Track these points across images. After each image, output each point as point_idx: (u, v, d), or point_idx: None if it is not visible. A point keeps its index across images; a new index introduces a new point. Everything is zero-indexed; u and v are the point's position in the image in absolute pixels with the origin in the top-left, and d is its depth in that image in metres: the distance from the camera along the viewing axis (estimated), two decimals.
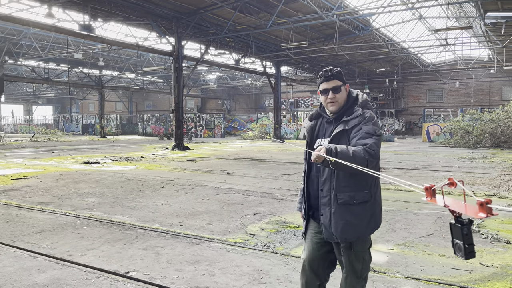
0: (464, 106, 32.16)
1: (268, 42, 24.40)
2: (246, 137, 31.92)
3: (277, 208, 6.77)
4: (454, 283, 3.60)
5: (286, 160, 14.97)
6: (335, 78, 2.53)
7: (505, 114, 20.67)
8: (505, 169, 11.66)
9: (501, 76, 32.69)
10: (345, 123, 2.47)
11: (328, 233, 2.46)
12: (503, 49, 23.68)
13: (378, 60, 30.56)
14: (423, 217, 6.04)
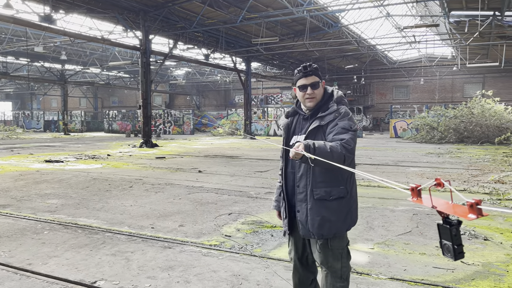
0: (429, 103, 33.06)
1: (238, 38, 24.11)
2: (216, 134, 31.56)
3: (252, 207, 6.57)
4: (438, 283, 3.52)
5: (258, 157, 14.80)
6: (313, 74, 2.53)
7: (468, 110, 21.33)
8: (471, 164, 11.95)
9: (462, 74, 33.80)
10: (321, 119, 2.48)
11: (304, 229, 2.44)
12: (466, 47, 24.41)
13: (347, 57, 30.89)
14: (399, 214, 6.00)
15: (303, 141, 2.24)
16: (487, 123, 20.27)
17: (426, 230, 5.15)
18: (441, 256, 4.20)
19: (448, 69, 33.60)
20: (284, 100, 41.85)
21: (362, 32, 26.43)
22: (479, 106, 21.11)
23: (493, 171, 10.34)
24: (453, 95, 35.23)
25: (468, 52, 26.51)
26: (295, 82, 2.60)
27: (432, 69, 34.55)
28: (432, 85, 35.94)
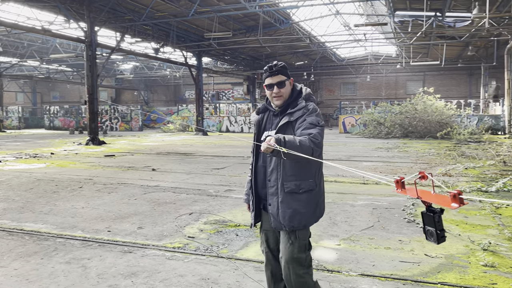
0: (376, 99, 34.34)
1: (189, 32, 23.59)
2: (167, 130, 30.79)
3: (213, 206, 6.39)
4: (407, 278, 3.56)
5: (213, 153, 14.57)
6: (279, 73, 2.61)
7: (412, 106, 22.36)
8: (418, 158, 12.50)
9: (405, 72, 35.42)
10: (290, 115, 2.56)
11: (276, 222, 2.52)
12: (410, 46, 25.57)
13: (297, 53, 31.29)
14: (359, 209, 6.10)
15: (274, 135, 2.31)
16: (429, 118, 21.37)
17: (387, 224, 5.26)
18: (405, 250, 4.29)
19: (392, 66, 35.06)
20: (235, 96, 41.69)
21: (312, 29, 26.86)
22: (421, 103, 22.20)
23: (439, 164, 10.87)
24: (397, 92, 36.85)
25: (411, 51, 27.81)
26: (263, 81, 2.67)
27: (378, 66, 35.90)
28: (377, 82, 37.36)
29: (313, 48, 28.27)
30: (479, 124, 23.46)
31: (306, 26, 25.78)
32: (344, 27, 26.58)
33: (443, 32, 22.42)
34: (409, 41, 22.80)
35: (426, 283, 3.45)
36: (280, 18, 21.63)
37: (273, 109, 2.69)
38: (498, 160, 11.36)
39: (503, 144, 15.73)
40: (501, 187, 7.42)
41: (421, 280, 3.51)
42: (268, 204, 2.55)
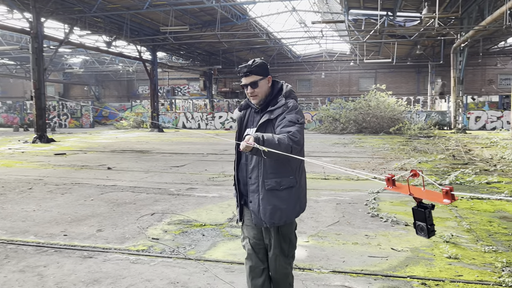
0: (330, 95, 35.07)
1: (143, 26, 22.85)
2: (120, 127, 29.76)
3: (175, 205, 6.19)
4: (377, 273, 3.60)
5: (171, 151, 14.21)
6: (252, 73, 2.61)
7: (365, 103, 23.04)
8: (374, 152, 12.87)
9: (358, 69, 36.46)
10: (270, 113, 2.58)
11: (257, 218, 2.56)
12: (364, 44, 26.29)
13: (254, 49, 31.27)
14: (324, 204, 6.14)
15: (253, 134, 2.35)
16: (382, 114, 22.12)
17: (352, 219, 5.32)
18: (372, 244, 4.35)
19: (346, 64, 35.94)
20: (191, 91, 41.05)
21: (269, 25, 26.93)
22: (374, 99, 22.92)
23: (394, 159, 11.24)
24: (350, 89, 37.85)
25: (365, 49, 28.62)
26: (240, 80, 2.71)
27: (332, 64, 36.66)
28: (332, 79, 38.17)
29: (270, 45, 28.38)
30: (427, 119, 24.61)
31: (263, 23, 25.80)
32: (300, 24, 26.88)
33: (394, 31, 23.25)
34: (363, 39, 23.43)
35: (396, 277, 3.50)
36: (237, 13, 21.47)
37: (254, 106, 2.71)
38: (448, 154, 11.93)
39: (451, 139, 16.56)
40: (453, 180, 7.76)
41: (391, 274, 3.56)
42: (249, 201, 2.59)
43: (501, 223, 5.08)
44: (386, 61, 28.72)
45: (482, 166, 9.66)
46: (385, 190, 7.08)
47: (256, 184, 2.55)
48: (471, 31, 18.50)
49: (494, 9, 16.53)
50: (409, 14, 21.70)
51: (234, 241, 4.50)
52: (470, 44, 21.57)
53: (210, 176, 8.74)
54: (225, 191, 7.21)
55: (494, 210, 5.69)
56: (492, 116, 24.71)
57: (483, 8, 17.55)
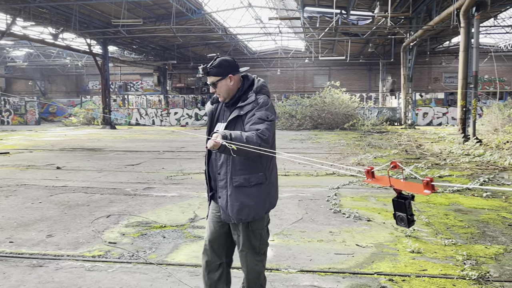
0: (286, 92, 35.36)
1: (93, 18, 21.81)
2: (69, 124, 28.36)
3: (132, 206, 5.90)
4: (345, 270, 3.58)
5: (125, 148, 13.67)
6: (210, 74, 2.58)
7: (320, 99, 23.41)
8: (331, 148, 13.07)
9: (313, 66, 37.02)
10: (240, 109, 2.54)
11: (225, 214, 2.55)
12: (319, 41, 26.68)
13: (209, 45, 30.84)
14: (286, 201, 6.09)
15: (221, 131, 2.32)
16: (336, 111, 22.57)
17: (315, 216, 5.30)
18: (337, 241, 4.34)
19: (301, 61, 36.37)
20: (145, 87, 39.91)
21: (224, 21, 26.66)
22: (329, 96, 23.34)
23: (351, 154, 11.45)
24: (305, 85, 38.38)
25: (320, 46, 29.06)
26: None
27: (288, 60, 36.97)
28: (287, 75, 38.51)
29: (226, 40, 28.12)
30: (379, 116, 25.42)
31: (219, 18, 25.50)
32: (256, 20, 26.82)
33: (348, 29, 23.79)
34: (318, 36, 23.75)
35: (364, 275, 3.49)
36: (192, 7, 21.03)
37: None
38: (401, 149, 12.34)
39: (402, 135, 17.18)
40: (408, 175, 7.99)
41: (358, 271, 3.55)
42: (218, 197, 2.59)
43: (456, 215, 5.26)
44: (340, 59, 29.36)
45: (433, 161, 10.06)
46: (345, 186, 7.16)
47: (224, 180, 2.54)
48: (420, 31, 19.26)
49: (441, 9, 17.30)
50: (361, 13, 22.29)
51: (197, 242, 4.33)
52: (418, 43, 22.48)
53: (168, 175, 8.47)
54: (184, 190, 6.99)
55: (448, 203, 5.90)
56: (438, 112, 25.97)
57: (431, 9, 18.31)
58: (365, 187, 7.06)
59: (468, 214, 5.31)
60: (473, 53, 13.33)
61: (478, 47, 13.30)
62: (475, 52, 13.27)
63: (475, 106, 13.36)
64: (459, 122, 13.92)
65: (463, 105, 13.63)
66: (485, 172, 8.40)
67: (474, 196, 6.32)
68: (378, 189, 6.89)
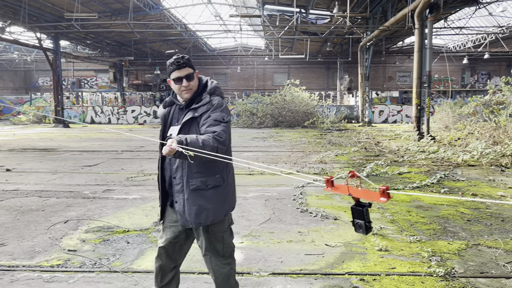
0: (247, 90, 35.31)
1: (43, 11, 20.70)
2: (18, 122, 26.84)
3: (92, 210, 5.62)
4: (316, 271, 3.56)
5: (80, 148, 13.08)
6: (187, 65, 2.53)
7: (281, 97, 23.56)
8: (293, 146, 13.16)
9: (272, 64, 37.21)
10: (194, 111, 2.51)
11: (183, 219, 2.50)
12: (279, 40, 26.82)
13: (168, 41, 30.22)
14: (253, 201, 6.03)
15: (176, 136, 2.27)
16: (297, 109, 22.82)
17: (283, 216, 5.28)
18: (307, 241, 4.33)
19: (261, 58, 36.46)
20: (100, 84, 38.51)
21: (183, 17, 26.20)
22: (289, 94, 23.54)
23: (313, 152, 11.58)
24: (265, 83, 38.54)
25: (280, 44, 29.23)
26: (169, 75, 2.57)
27: (248, 58, 36.93)
28: (247, 73, 38.49)
29: (185, 37, 27.64)
30: (337, 113, 25.97)
31: (178, 14, 25.02)
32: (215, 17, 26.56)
33: (307, 28, 24.08)
34: (278, 34, 23.86)
35: (335, 275, 3.49)
36: (149, 3, 20.47)
37: (179, 102, 2.64)
38: (360, 146, 12.63)
39: (361, 132, 17.61)
40: (370, 172, 8.18)
41: (330, 272, 3.54)
42: (175, 202, 2.53)
43: (418, 212, 5.42)
44: (299, 57, 29.68)
45: (392, 158, 10.37)
46: (309, 184, 7.21)
47: (180, 184, 2.49)
48: (377, 31, 19.82)
49: (396, 11, 17.87)
50: (320, 12, 22.63)
51: None
52: (374, 42, 23.14)
53: (128, 176, 8.17)
54: (146, 191, 6.76)
55: (410, 200, 6.07)
56: (393, 110, 26.89)
57: (387, 10, 18.89)
58: None
59: (429, 210, 5.48)
60: (427, 53, 13.87)
61: (431, 47, 13.86)
62: (428, 52, 13.81)
63: (429, 104, 13.92)
64: (414, 120, 14.44)
65: (418, 103, 14.15)
66: (441, 168, 8.75)
67: (433, 192, 6.55)
68: None
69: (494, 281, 3.31)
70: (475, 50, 30.96)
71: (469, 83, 36.58)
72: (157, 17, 23.42)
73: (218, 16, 26.52)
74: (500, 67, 36.34)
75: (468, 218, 5.11)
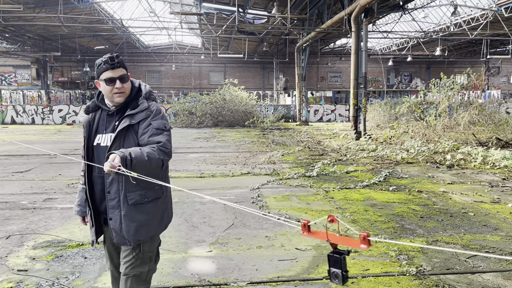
0: (183, 88, 34.60)
1: None
2: None
3: (35, 222, 5.10)
4: (294, 278, 3.52)
5: (5, 152, 11.91)
6: (121, 66, 2.29)
7: (220, 97, 23.41)
8: (238, 146, 13.10)
9: (208, 63, 36.86)
10: (131, 117, 2.28)
11: (119, 237, 2.27)
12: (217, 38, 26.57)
13: (98, 37, 28.65)
14: (211, 206, 5.86)
15: (118, 151, 2.03)
16: (236, 108, 22.81)
17: (246, 220, 5.18)
18: (276, 246, 4.28)
19: (196, 57, 35.93)
20: (20, 81, 35.46)
21: (115, 12, 24.99)
22: (228, 93, 23.46)
23: (259, 152, 11.61)
24: (201, 82, 38.06)
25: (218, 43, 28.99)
26: (99, 75, 2.29)
27: (183, 56, 36.20)
28: (183, 71, 37.73)
29: (117, 33, 26.39)
30: (275, 113, 26.39)
31: (109, 9, 23.81)
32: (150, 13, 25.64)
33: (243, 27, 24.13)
34: (216, 33, 23.65)
35: (313, 280, 3.47)
36: None
37: (106, 107, 2.36)
38: (303, 146, 12.91)
39: (301, 132, 18.01)
40: (319, 172, 8.36)
41: (308, 278, 3.52)
42: (109, 219, 2.27)
43: (374, 211, 5.61)
44: (235, 56, 29.70)
45: (336, 156, 10.71)
46: (264, 186, 7.19)
47: (116, 199, 2.25)
48: (313, 32, 20.40)
49: (332, 13, 18.53)
50: (258, 12, 22.78)
51: None
52: (310, 44, 23.82)
53: (68, 182, 7.56)
54: None
55: (364, 199, 6.28)
56: (327, 110, 27.94)
57: (322, 12, 19.52)
58: (284, 186, 7.18)
59: (384, 209, 5.70)
60: (363, 55, 14.54)
61: (367, 50, 14.55)
62: (364, 55, 14.49)
63: (365, 104, 14.60)
64: (351, 120, 15.08)
65: (355, 103, 14.79)
66: (383, 166, 9.20)
67: (382, 190, 6.84)
68: (296, 188, 7.05)
69: (462, 277, 3.50)
70: (399, 53, 33.13)
71: (394, 84, 39.09)
72: (87, 11, 22.07)
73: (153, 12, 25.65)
74: (420, 68, 39.27)
75: (421, 215, 5.39)
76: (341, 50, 35.42)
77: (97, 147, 2.32)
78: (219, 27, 23.57)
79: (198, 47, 34.82)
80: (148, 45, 35.09)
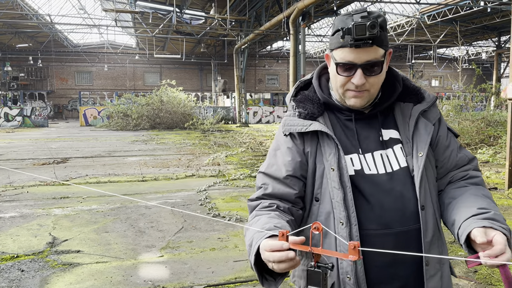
0: (115, 90, 33.16)
1: None
2: None
3: None
4: (252, 278, 3.46)
5: None
6: (375, 43, 1.12)
7: (158, 98, 22.72)
8: (179, 149, 12.78)
9: (143, 63, 35.75)
10: (425, 117, 1.27)
11: None
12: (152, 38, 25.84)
13: (20, 34, 26.61)
14: (158, 210, 5.63)
15: (498, 227, 1.06)
16: (175, 110, 22.29)
17: (196, 223, 5.03)
18: (230, 247, 4.20)
19: (130, 57, 34.70)
20: None
21: (40, 7, 23.38)
22: (165, 95, 22.86)
23: (202, 154, 11.41)
24: (136, 83, 36.79)
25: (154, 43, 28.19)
26: (333, 47, 1.19)
27: (116, 56, 34.77)
28: (116, 72, 36.21)
29: (43, 30, 24.69)
30: (214, 115, 26.19)
31: (34, 4, 22.21)
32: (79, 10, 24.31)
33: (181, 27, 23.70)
34: (151, 33, 22.98)
35: None
36: None
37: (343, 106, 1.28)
38: (246, 147, 12.91)
39: (243, 133, 18.01)
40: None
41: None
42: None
43: None
44: (172, 57, 29.11)
45: None
46: (211, 187, 7.06)
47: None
48: (252, 34, 20.53)
49: (269, 15, 18.78)
50: (196, 12, 22.49)
51: (72, 271, 3.59)
52: (249, 46, 23.97)
53: None
54: (25, 207, 5.78)
55: None
56: (266, 111, 28.26)
57: (260, 14, 19.72)
58: (232, 187, 7.10)
59: None
60: (301, 58, 14.88)
61: (304, 52, 14.92)
62: (302, 57, 14.83)
63: None
64: None
65: None
66: None
67: None
68: (244, 188, 7.00)
69: None
70: None
71: None
72: (8, 6, 20.40)
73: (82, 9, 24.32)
74: None
75: None
76: (278, 52, 36.13)
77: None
78: (155, 27, 22.92)
79: (132, 47, 33.66)
80: (78, 44, 33.26)
